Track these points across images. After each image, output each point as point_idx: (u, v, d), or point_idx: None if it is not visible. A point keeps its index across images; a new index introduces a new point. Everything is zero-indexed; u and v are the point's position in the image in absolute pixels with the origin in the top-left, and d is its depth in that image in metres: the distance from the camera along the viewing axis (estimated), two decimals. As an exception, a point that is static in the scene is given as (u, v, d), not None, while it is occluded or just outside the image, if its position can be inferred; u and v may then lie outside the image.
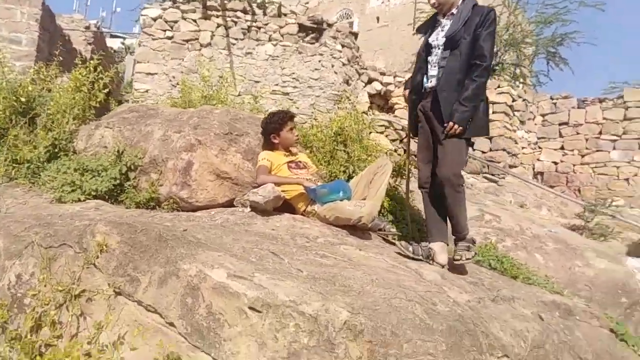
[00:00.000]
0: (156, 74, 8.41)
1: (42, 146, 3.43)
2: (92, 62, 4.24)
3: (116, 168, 3.21)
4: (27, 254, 2.17)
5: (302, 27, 8.97)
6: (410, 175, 4.12)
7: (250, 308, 1.78)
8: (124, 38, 22.38)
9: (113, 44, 19.88)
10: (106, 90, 4.30)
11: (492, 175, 8.37)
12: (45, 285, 2.01)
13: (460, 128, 2.74)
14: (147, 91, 8.22)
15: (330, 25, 9.18)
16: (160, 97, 8.11)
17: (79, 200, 3.00)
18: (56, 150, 3.53)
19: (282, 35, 8.91)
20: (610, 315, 3.18)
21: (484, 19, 2.76)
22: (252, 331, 1.75)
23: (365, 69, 10.18)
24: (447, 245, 2.94)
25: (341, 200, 3.06)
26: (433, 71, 2.94)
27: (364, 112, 7.82)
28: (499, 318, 2.24)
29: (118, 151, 3.30)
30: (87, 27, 13.78)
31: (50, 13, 9.90)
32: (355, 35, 9.86)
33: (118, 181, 3.19)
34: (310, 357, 1.68)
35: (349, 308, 1.79)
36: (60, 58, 4.68)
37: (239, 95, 7.91)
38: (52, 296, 1.98)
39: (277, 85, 8.69)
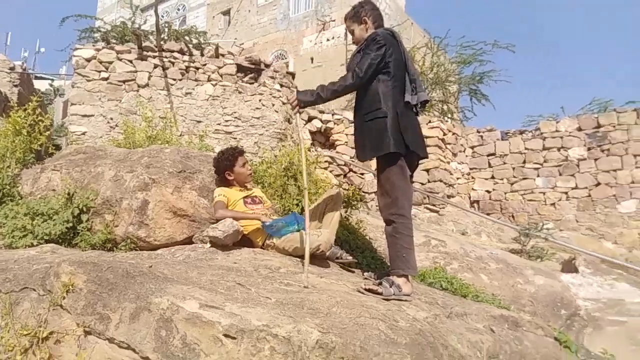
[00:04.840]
0: (92, 115, 8.14)
1: (-16, 191, 3.28)
2: (31, 104, 4.15)
3: (68, 211, 3.10)
4: (-15, 300, 2.09)
5: (240, 68, 9.11)
6: (359, 205, 4.32)
7: (225, 335, 1.81)
8: (52, 80, 21.53)
9: (40, 85, 19.05)
10: (47, 133, 4.21)
11: (433, 205, 8.72)
12: (8, 331, 1.94)
13: (295, 102, 2.96)
14: (84, 133, 7.93)
15: (267, 66, 9.38)
16: (98, 139, 7.88)
17: (32, 245, 2.88)
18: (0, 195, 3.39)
19: (221, 76, 9.00)
20: (553, 326, 3.45)
21: (365, 44, 2.89)
22: (229, 358, 1.78)
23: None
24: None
25: (297, 231, 3.12)
26: None
27: (307, 149, 8.04)
28: (455, 332, 2.40)
29: (68, 193, 3.20)
30: (12, 68, 13.17)
31: (-29, 53, 9.46)
32: (293, 75, 10.11)
33: (71, 224, 3.08)
34: (287, 378, 1.75)
35: (319, 328, 1.88)
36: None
37: (181, 135, 7.87)
38: (17, 341, 1.90)
39: (219, 124, 8.71)
